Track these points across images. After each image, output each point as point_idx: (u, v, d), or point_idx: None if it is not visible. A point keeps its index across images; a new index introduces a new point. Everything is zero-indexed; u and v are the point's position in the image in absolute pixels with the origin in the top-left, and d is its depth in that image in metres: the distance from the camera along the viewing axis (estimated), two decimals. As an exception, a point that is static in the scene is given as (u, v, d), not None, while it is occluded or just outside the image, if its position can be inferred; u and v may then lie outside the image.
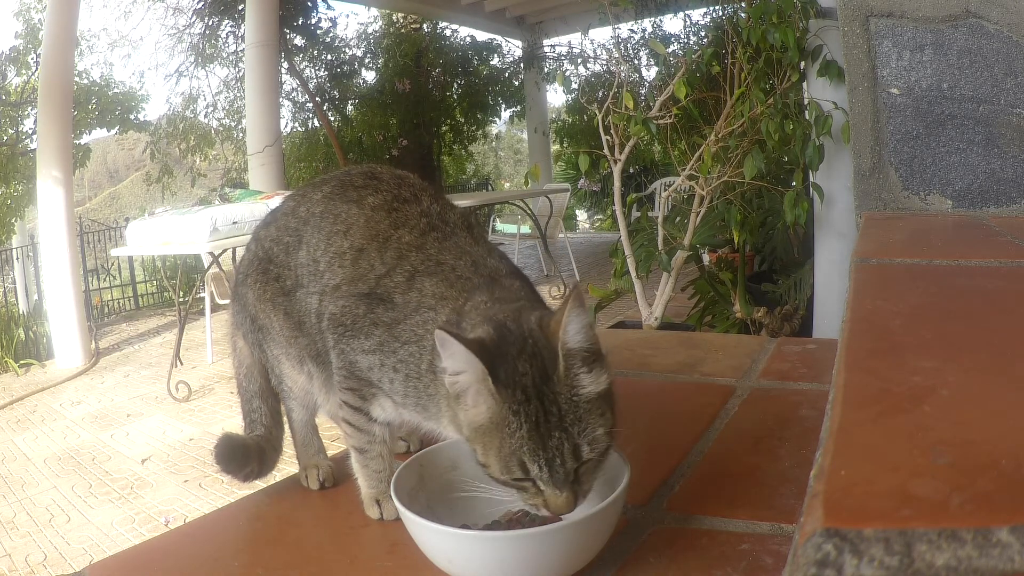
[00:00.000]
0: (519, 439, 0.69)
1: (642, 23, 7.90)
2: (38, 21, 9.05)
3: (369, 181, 0.97)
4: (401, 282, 0.86)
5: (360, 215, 0.93)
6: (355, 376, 0.89)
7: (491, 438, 0.71)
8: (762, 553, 0.76)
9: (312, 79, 10.22)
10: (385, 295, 0.86)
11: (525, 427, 0.69)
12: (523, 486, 0.72)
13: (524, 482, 0.71)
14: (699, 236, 3.13)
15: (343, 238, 0.92)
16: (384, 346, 0.85)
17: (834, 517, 0.36)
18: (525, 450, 0.69)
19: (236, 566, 0.82)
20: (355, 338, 0.87)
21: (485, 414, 0.71)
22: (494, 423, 0.71)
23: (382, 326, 0.85)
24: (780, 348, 1.50)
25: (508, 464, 0.70)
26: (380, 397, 0.89)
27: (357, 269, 0.90)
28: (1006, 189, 1.52)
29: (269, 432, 1.06)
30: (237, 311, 1.04)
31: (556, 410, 0.70)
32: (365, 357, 0.87)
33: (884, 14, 1.56)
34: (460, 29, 10.98)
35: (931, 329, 0.71)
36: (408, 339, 0.84)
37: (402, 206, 0.93)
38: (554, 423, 0.69)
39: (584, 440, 0.70)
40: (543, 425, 0.69)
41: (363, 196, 0.94)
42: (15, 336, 6.40)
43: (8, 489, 3.51)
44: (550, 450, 0.69)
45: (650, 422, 1.16)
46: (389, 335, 0.85)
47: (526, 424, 0.69)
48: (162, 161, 10.32)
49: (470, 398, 0.72)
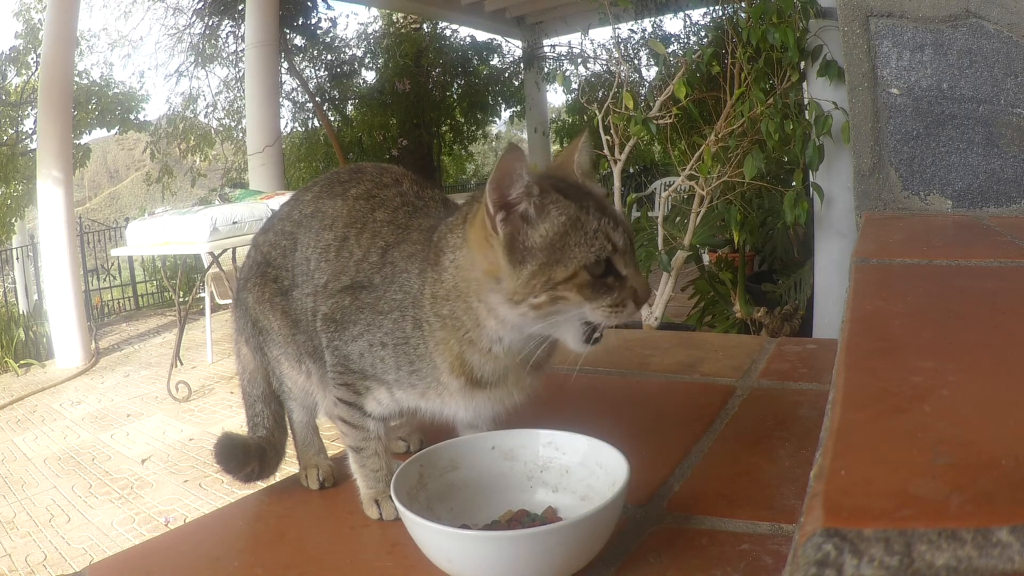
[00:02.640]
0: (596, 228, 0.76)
1: (642, 23, 7.88)
2: (38, 21, 9.05)
3: (353, 175, 1.00)
4: (376, 261, 0.89)
5: (344, 207, 0.95)
6: (349, 370, 0.89)
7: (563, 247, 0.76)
8: (762, 553, 0.76)
9: (312, 79, 10.21)
10: (365, 280, 0.89)
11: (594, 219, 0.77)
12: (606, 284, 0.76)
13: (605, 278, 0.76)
14: (699, 236, 3.14)
15: (329, 231, 0.94)
16: (370, 326, 0.87)
17: (834, 517, 0.36)
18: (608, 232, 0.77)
19: (236, 566, 0.82)
20: (345, 330, 0.88)
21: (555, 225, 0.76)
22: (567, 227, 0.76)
23: (367, 308, 0.87)
24: (780, 348, 1.50)
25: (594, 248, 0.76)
26: (374, 389, 0.89)
27: (340, 260, 0.92)
28: (1006, 189, 1.52)
29: (271, 435, 1.06)
30: (240, 316, 1.06)
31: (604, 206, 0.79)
32: (355, 344, 0.88)
33: (884, 14, 1.56)
34: (460, 29, 10.97)
35: (931, 329, 0.71)
36: (390, 308, 0.86)
37: (381, 191, 0.96)
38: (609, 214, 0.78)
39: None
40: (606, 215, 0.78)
41: (347, 189, 0.97)
42: (15, 336, 6.40)
43: (8, 489, 3.51)
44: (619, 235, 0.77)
45: (650, 422, 1.16)
46: (373, 313, 0.87)
47: (595, 217, 0.77)
48: (162, 161, 10.32)
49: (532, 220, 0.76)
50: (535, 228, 0.77)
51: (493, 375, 0.85)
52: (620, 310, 0.77)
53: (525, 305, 0.76)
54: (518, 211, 0.77)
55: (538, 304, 0.76)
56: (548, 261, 0.76)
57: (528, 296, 0.76)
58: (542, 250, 0.76)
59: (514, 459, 0.88)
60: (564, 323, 0.79)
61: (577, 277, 0.76)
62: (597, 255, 0.76)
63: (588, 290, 0.76)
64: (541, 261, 0.76)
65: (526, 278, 0.76)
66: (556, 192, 0.78)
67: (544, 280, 0.75)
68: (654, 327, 2.93)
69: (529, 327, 0.80)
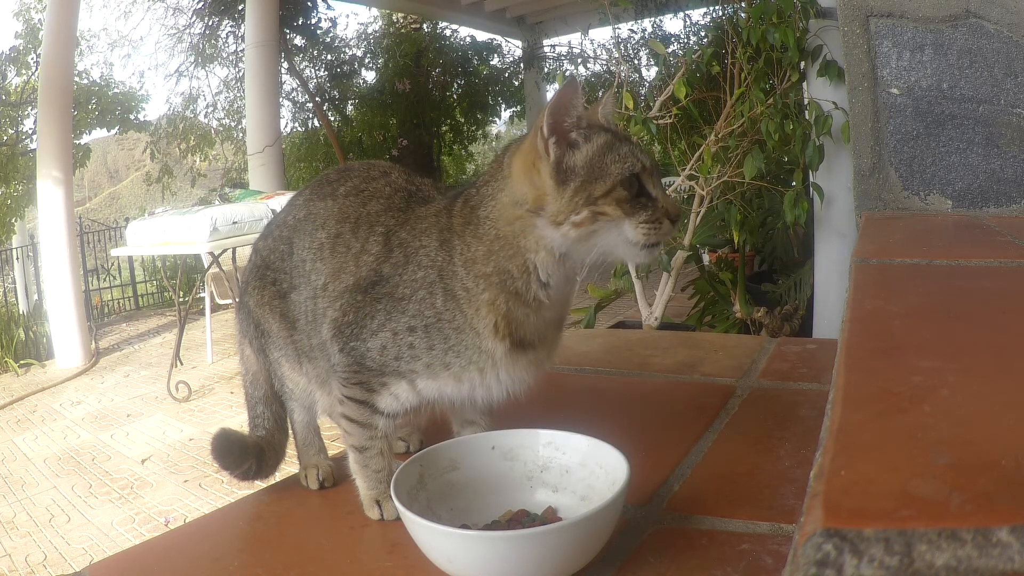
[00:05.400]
0: (627, 151, 0.84)
1: (642, 23, 7.88)
2: (38, 21, 9.05)
3: (341, 174, 1.01)
4: (379, 251, 0.89)
5: (334, 205, 0.96)
6: (365, 368, 0.88)
7: (601, 165, 0.82)
8: (762, 553, 0.76)
9: (312, 79, 10.21)
10: (372, 274, 0.89)
11: (625, 144, 0.84)
12: (640, 203, 0.83)
13: (640, 198, 0.83)
14: (699, 236, 3.13)
15: (321, 231, 0.95)
16: (391, 314, 0.86)
17: (834, 517, 0.36)
18: (636, 153, 0.84)
19: (236, 566, 0.82)
20: (363, 328, 0.88)
21: (594, 146, 0.83)
22: (605, 149, 0.83)
23: (383, 299, 0.87)
24: (780, 348, 1.50)
25: (627, 164, 0.83)
26: (392, 384, 0.88)
27: (336, 257, 0.92)
28: (1006, 189, 1.52)
29: (271, 435, 1.07)
30: (243, 319, 1.07)
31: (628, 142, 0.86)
32: (375, 339, 0.87)
33: (884, 14, 1.56)
34: (460, 29, 10.97)
35: (931, 329, 0.71)
36: (413, 290, 0.86)
37: (369, 185, 0.97)
38: (635, 144, 0.86)
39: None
40: (633, 144, 0.85)
41: (335, 188, 0.99)
42: (15, 336, 6.40)
43: (8, 489, 3.51)
44: (646, 157, 0.84)
45: (650, 422, 1.16)
46: (392, 301, 0.87)
47: (625, 143, 0.84)
48: (162, 161, 10.32)
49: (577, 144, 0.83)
50: (579, 151, 0.83)
51: (535, 332, 0.88)
52: (657, 226, 0.83)
53: (568, 224, 0.82)
54: (568, 138, 0.83)
55: (580, 221, 0.81)
56: (588, 178, 0.82)
57: (571, 214, 0.81)
58: (584, 168, 0.83)
59: (514, 459, 0.88)
60: (613, 245, 0.84)
61: (614, 192, 0.82)
62: (631, 170, 0.83)
63: (626, 205, 0.82)
64: (583, 178, 0.82)
65: (569, 195, 0.82)
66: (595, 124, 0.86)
67: (585, 196, 0.81)
68: (654, 327, 2.93)
69: (576, 251, 0.84)
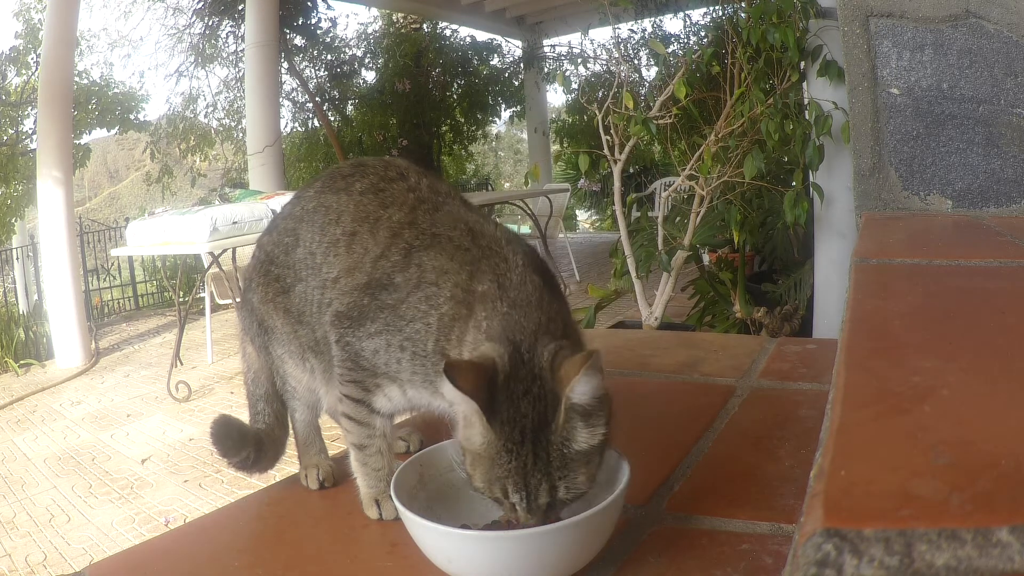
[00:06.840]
0: (506, 472, 0.72)
1: (642, 23, 7.88)
2: (38, 21, 9.05)
3: (356, 169, 0.99)
4: (398, 260, 0.87)
5: (349, 201, 0.94)
6: (359, 367, 0.88)
7: (481, 460, 0.74)
8: (762, 553, 0.76)
9: (312, 79, 10.21)
10: (384, 278, 0.87)
11: (513, 465, 0.72)
12: (500, 502, 0.75)
13: (501, 501, 0.75)
14: (699, 236, 3.13)
15: (335, 226, 0.93)
16: (389, 326, 0.86)
17: (834, 517, 0.36)
18: (509, 482, 0.73)
19: (236, 566, 0.82)
20: (360, 326, 0.87)
21: (479, 440, 0.73)
22: (486, 450, 0.73)
23: (387, 308, 0.86)
24: (780, 348, 1.50)
25: (491, 486, 0.74)
26: (385, 386, 0.89)
27: (352, 255, 0.91)
28: (1006, 189, 1.52)
29: (271, 430, 1.07)
30: (245, 316, 1.06)
31: (545, 456, 0.72)
32: (370, 341, 0.87)
33: (884, 14, 1.56)
34: (460, 29, 10.98)
35: (931, 329, 0.71)
36: (413, 316, 0.85)
37: (389, 185, 0.95)
38: (540, 467, 0.72)
39: (563, 485, 0.73)
40: (530, 467, 0.72)
41: (351, 184, 0.96)
42: (15, 336, 6.40)
43: (8, 489, 3.51)
44: (531, 488, 0.72)
45: (650, 422, 1.16)
46: (394, 315, 0.86)
47: (515, 463, 0.72)
48: (162, 161, 10.33)
49: (468, 423, 0.74)
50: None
51: None
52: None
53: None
54: None
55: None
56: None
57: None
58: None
59: (514, 459, 0.88)
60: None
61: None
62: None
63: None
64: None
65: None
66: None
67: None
68: (654, 327, 2.93)
69: None
